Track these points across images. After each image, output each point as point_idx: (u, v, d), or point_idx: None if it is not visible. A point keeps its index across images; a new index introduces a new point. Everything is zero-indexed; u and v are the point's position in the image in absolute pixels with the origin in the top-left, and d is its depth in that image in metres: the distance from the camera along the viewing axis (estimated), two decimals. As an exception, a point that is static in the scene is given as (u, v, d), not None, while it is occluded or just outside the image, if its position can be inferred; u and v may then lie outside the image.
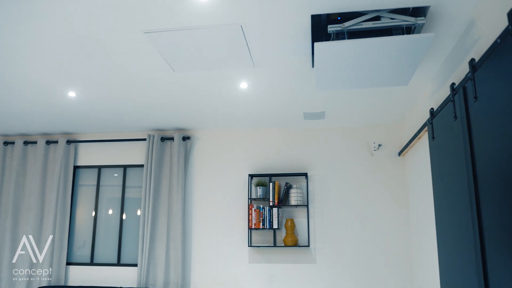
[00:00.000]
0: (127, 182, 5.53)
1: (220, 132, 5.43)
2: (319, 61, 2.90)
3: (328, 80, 3.24)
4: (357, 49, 2.75)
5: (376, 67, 2.99)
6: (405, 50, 2.72)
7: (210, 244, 5.15)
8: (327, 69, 3.03)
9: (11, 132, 5.68)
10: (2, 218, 5.50)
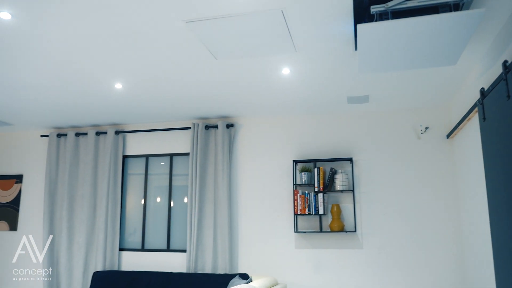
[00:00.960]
0: (174, 170, 5.66)
1: (264, 119, 5.45)
2: (362, 43, 2.84)
3: (372, 63, 3.17)
4: (401, 29, 2.67)
5: (422, 48, 2.89)
6: (453, 28, 2.62)
7: (256, 230, 5.21)
8: (370, 52, 2.96)
9: (64, 124, 5.93)
10: (58, 206, 5.79)
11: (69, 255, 5.59)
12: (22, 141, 6.34)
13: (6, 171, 6.31)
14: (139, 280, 5.03)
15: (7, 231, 6.09)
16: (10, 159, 6.34)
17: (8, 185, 6.21)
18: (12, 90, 4.55)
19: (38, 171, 6.14)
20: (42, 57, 3.72)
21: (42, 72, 4.05)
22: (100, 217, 5.56)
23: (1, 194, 6.21)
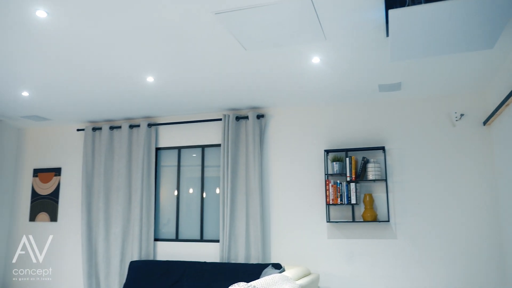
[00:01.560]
0: (206, 162, 5.73)
1: (294, 109, 5.43)
2: (394, 29, 2.79)
3: (404, 49, 3.10)
4: (435, 13, 2.60)
5: (457, 32, 2.81)
6: (490, 10, 2.53)
7: (288, 220, 5.22)
8: (403, 37, 2.90)
9: (98, 118, 6.09)
10: (95, 198, 5.96)
11: (107, 245, 5.76)
12: (60, 136, 6.54)
13: (45, 164, 6.53)
14: (174, 269, 5.14)
15: (48, 222, 6.32)
16: (49, 153, 6.56)
17: (48, 178, 6.44)
18: (50, 86, 4.70)
19: (75, 164, 6.34)
20: (77, 53, 3.82)
21: (77, 68, 4.16)
22: (135, 208, 5.69)
23: (42, 187, 6.44)
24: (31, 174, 6.59)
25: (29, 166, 6.64)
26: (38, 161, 6.60)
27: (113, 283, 5.60)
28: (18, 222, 6.53)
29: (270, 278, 3.52)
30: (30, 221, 6.43)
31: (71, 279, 6.03)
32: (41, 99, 5.22)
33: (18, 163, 6.73)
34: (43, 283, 6.12)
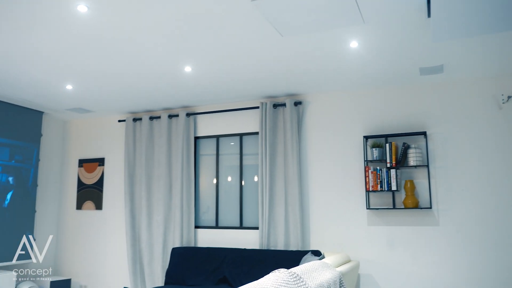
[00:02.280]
0: (244, 150, 5.76)
1: (332, 95, 5.36)
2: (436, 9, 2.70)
3: (447, 29, 3.00)
4: (479, -9, 2.49)
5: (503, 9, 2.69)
6: (538, -15, 2.40)
7: (327, 207, 5.19)
8: (445, 17, 2.81)
9: (139, 109, 6.23)
10: (137, 186, 6.12)
11: (149, 232, 5.92)
12: (102, 127, 6.74)
13: (89, 155, 6.76)
14: (215, 256, 5.23)
15: (94, 210, 6.56)
16: (92, 143, 6.78)
17: (92, 168, 6.67)
18: (92, 79, 4.84)
19: (117, 154, 6.52)
20: (117, 46, 3.91)
21: (117, 60, 4.26)
22: (176, 196, 5.81)
23: (87, 176, 6.68)
24: (77, 165, 6.84)
25: (75, 157, 6.89)
26: (83, 152, 6.84)
27: (156, 269, 5.77)
28: (66, 210, 6.81)
29: (310, 265, 3.52)
30: (77, 209, 6.69)
31: (117, 264, 6.25)
32: (84, 92, 5.38)
33: (64, 154, 7.00)
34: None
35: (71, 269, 6.60)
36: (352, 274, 4.40)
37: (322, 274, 3.50)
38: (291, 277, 3.01)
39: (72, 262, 6.62)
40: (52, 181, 6.80)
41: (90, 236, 6.53)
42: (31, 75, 4.76)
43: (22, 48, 3.98)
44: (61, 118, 6.88)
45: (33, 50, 4.03)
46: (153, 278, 5.79)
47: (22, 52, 4.08)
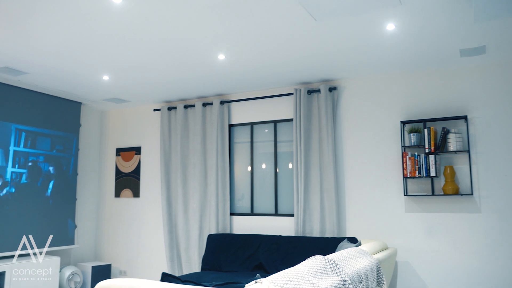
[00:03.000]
0: (278, 137, 5.74)
1: (368, 79, 5.25)
2: (478, -14, 2.58)
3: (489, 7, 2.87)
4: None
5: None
6: None
7: (363, 194, 5.12)
8: (488, -5, 2.68)
9: (173, 98, 6.29)
10: (173, 174, 6.22)
11: (185, 219, 6.01)
12: (138, 116, 6.86)
13: (126, 144, 6.91)
14: (250, 242, 5.26)
15: (131, 198, 6.71)
16: (129, 133, 6.92)
17: (129, 157, 6.81)
18: (127, 69, 4.91)
19: (153, 143, 6.63)
20: (152, 36, 3.94)
21: (152, 50, 4.30)
22: (211, 184, 5.86)
23: (124, 165, 6.83)
24: (114, 154, 7.00)
25: (112, 146, 7.06)
26: (120, 141, 6.99)
27: (193, 255, 5.86)
28: (105, 198, 7.00)
29: (347, 252, 3.49)
30: (115, 197, 6.87)
31: (154, 250, 6.39)
32: (120, 82, 5.48)
33: (102, 143, 7.18)
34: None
35: (111, 254, 6.80)
36: (389, 261, 4.34)
37: (359, 261, 3.47)
38: (327, 264, 2.99)
39: (112, 248, 6.81)
40: (91, 169, 7.00)
41: (128, 223, 6.70)
42: (69, 67, 4.88)
43: (60, 41, 4.08)
44: (98, 108, 7.04)
45: (70, 42, 4.12)
46: (190, 264, 5.89)
47: (60, 44, 4.18)
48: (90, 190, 6.96)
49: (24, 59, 4.65)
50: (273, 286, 2.26)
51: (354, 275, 3.13)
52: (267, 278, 2.36)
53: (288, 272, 2.56)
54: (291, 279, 2.44)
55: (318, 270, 2.82)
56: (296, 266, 2.77)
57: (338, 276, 2.91)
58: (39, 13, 3.52)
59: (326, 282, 2.71)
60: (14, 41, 4.12)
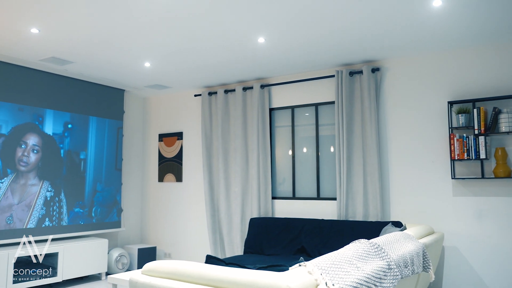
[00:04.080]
0: (320, 120, 5.66)
1: (412, 59, 5.07)
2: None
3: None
4: None
5: None
6: None
7: (408, 177, 4.98)
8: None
9: (213, 83, 6.32)
10: (214, 159, 6.27)
11: (228, 203, 6.07)
12: (179, 102, 6.95)
13: (169, 129, 7.02)
14: (293, 226, 5.25)
15: (174, 182, 6.84)
16: (171, 118, 7.02)
17: (172, 142, 6.92)
18: (169, 55, 4.96)
19: (195, 128, 6.71)
20: (191, 22, 3.94)
21: (192, 36, 4.31)
22: (252, 168, 5.88)
23: (167, 150, 6.96)
24: (157, 139, 7.14)
25: (155, 132, 7.19)
26: (162, 127, 7.11)
27: (235, 238, 5.92)
28: (149, 183, 7.17)
29: (392, 236, 3.41)
30: (159, 181, 7.02)
31: (198, 234, 6.50)
32: (161, 69, 5.55)
33: (145, 129, 7.33)
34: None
35: (156, 237, 6.98)
36: (436, 246, 4.22)
37: (404, 245, 3.39)
38: (371, 248, 2.94)
39: (157, 231, 6.99)
40: (135, 155, 7.18)
41: (172, 207, 6.85)
42: (113, 55, 4.98)
43: (103, 29, 4.15)
44: (141, 95, 7.17)
45: (113, 30, 4.19)
46: (233, 247, 5.96)
47: (104, 33, 4.26)
48: (134, 175, 7.14)
49: (70, 49, 4.78)
50: (317, 269, 2.24)
51: (399, 259, 3.06)
52: (310, 261, 2.34)
53: (332, 255, 2.53)
54: (335, 263, 2.41)
55: (363, 254, 2.77)
56: (340, 250, 2.73)
57: (383, 260, 2.86)
58: (83, 2, 3.58)
59: (370, 266, 2.66)
60: (59, 31, 4.24)
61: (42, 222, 5.52)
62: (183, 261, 2.55)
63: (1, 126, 5.22)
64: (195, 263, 2.47)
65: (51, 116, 5.74)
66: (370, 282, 2.50)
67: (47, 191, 5.62)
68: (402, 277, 3.00)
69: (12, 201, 5.25)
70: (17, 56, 5.05)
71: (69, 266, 5.53)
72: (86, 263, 5.75)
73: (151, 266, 2.60)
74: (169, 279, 2.45)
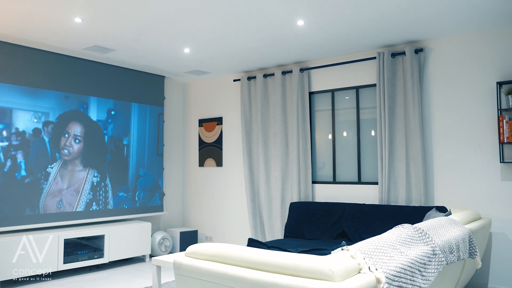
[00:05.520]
0: (360, 104, 5.55)
1: (458, 38, 4.86)
2: None
3: None
4: None
5: None
6: None
7: (453, 161, 4.83)
8: None
9: (252, 67, 6.30)
10: (254, 144, 6.29)
11: (268, 188, 6.09)
12: (219, 87, 6.98)
13: (208, 114, 7.08)
14: (333, 210, 5.22)
15: (215, 167, 6.92)
16: (211, 103, 7.08)
17: (211, 127, 6.99)
18: (208, 41, 4.98)
19: (234, 113, 6.74)
20: (230, 6, 3.93)
21: (231, 20, 4.30)
22: (292, 152, 5.86)
23: (207, 135, 7.03)
24: (197, 124, 7.23)
25: (195, 117, 7.28)
26: (202, 112, 7.18)
27: (276, 222, 5.95)
28: (190, 167, 7.29)
29: (436, 221, 3.33)
30: (199, 166, 7.12)
31: (238, 218, 6.58)
32: (200, 54, 5.58)
33: (185, 115, 7.43)
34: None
35: (197, 221, 7.12)
36: (483, 232, 4.09)
37: (450, 231, 3.30)
38: (415, 232, 2.88)
39: (198, 215, 7.12)
40: (176, 140, 7.30)
41: (212, 192, 6.94)
42: (153, 42, 5.04)
43: (143, 17, 4.21)
44: (180, 81, 7.26)
45: (153, 17, 4.24)
46: (273, 231, 5.99)
47: (144, 20, 4.31)
48: (175, 160, 7.28)
49: (111, 37, 4.88)
50: (360, 253, 2.22)
51: (444, 245, 2.99)
52: (353, 245, 2.32)
53: (374, 240, 2.50)
54: (378, 247, 2.38)
55: (406, 239, 2.72)
56: (383, 234, 2.69)
57: (427, 246, 2.80)
58: (123, -11, 3.64)
59: (414, 252, 2.61)
60: (102, 19, 4.33)
61: (89, 206, 5.73)
62: (226, 244, 2.59)
63: (49, 114, 5.43)
64: (238, 246, 2.50)
65: (95, 103, 5.91)
66: (414, 267, 2.45)
67: (93, 177, 5.82)
68: (447, 263, 2.93)
69: (62, 186, 5.48)
70: (62, 45, 5.21)
71: (114, 248, 5.74)
72: (131, 245, 5.94)
73: (195, 249, 2.65)
74: (212, 261, 2.49)
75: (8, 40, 5.02)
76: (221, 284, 2.34)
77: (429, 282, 2.53)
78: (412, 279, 2.38)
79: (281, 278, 2.08)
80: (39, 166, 5.30)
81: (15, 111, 5.14)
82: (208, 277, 2.42)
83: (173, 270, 2.66)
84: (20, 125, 5.16)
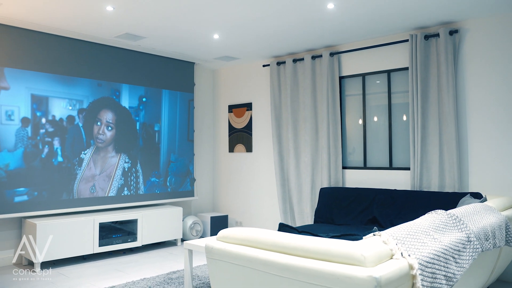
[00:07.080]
0: (392, 88, 5.44)
1: (497, 18, 4.68)
2: None
3: None
4: None
5: None
6: None
7: (489, 147, 4.69)
8: None
9: (282, 52, 6.26)
10: (284, 129, 6.28)
11: (297, 173, 6.08)
12: (248, 73, 6.97)
13: (238, 100, 7.10)
14: (364, 196, 5.18)
15: (244, 152, 6.95)
16: (240, 89, 7.09)
17: (241, 113, 7.00)
18: (237, 26, 4.96)
19: (264, 99, 6.72)
20: (259, -13, 3.90)
21: (260, 4, 4.27)
22: (322, 138, 5.82)
23: (236, 121, 7.06)
24: (227, 110, 7.25)
25: (224, 103, 7.31)
26: (231, 98, 7.20)
27: (305, 208, 5.95)
28: (220, 153, 7.35)
29: (471, 207, 3.26)
30: (229, 152, 7.17)
31: (268, 203, 6.61)
32: (229, 40, 5.58)
33: (215, 101, 7.47)
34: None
35: (227, 206, 7.19)
36: (520, 219, 3.98)
37: (485, 217, 3.22)
38: (450, 219, 2.83)
39: (228, 200, 7.19)
40: (206, 126, 7.36)
41: (242, 177, 6.99)
42: (182, 29, 5.07)
43: (173, 3, 4.22)
44: (210, 67, 7.28)
45: (182, 4, 4.25)
46: (303, 216, 6.00)
47: (173, 7, 4.33)
48: (206, 145, 7.34)
49: (142, 24, 4.93)
50: (392, 239, 2.19)
51: (479, 232, 2.93)
52: (385, 231, 2.30)
53: (407, 225, 2.47)
54: (410, 233, 2.35)
55: (440, 225, 2.67)
56: (416, 220, 2.65)
57: (462, 232, 2.74)
58: (153, -24, 3.66)
59: (448, 238, 2.57)
60: (132, 7, 4.37)
61: (121, 191, 5.87)
62: (257, 228, 2.61)
63: (83, 101, 5.55)
64: (269, 230, 2.52)
65: (127, 91, 6.00)
66: (448, 254, 2.41)
67: (125, 163, 5.94)
68: (482, 250, 2.87)
69: (95, 172, 5.62)
70: (94, 34, 5.30)
71: (147, 232, 5.87)
72: (163, 230, 6.06)
73: (226, 233, 2.68)
74: (243, 245, 2.52)
75: (43, 30, 5.14)
76: (252, 268, 2.37)
77: (464, 269, 2.48)
78: (446, 266, 2.34)
79: (312, 263, 2.08)
80: (74, 152, 5.45)
81: (51, 99, 5.29)
82: (239, 261, 2.45)
83: (205, 254, 2.70)
84: (56, 113, 5.31)
